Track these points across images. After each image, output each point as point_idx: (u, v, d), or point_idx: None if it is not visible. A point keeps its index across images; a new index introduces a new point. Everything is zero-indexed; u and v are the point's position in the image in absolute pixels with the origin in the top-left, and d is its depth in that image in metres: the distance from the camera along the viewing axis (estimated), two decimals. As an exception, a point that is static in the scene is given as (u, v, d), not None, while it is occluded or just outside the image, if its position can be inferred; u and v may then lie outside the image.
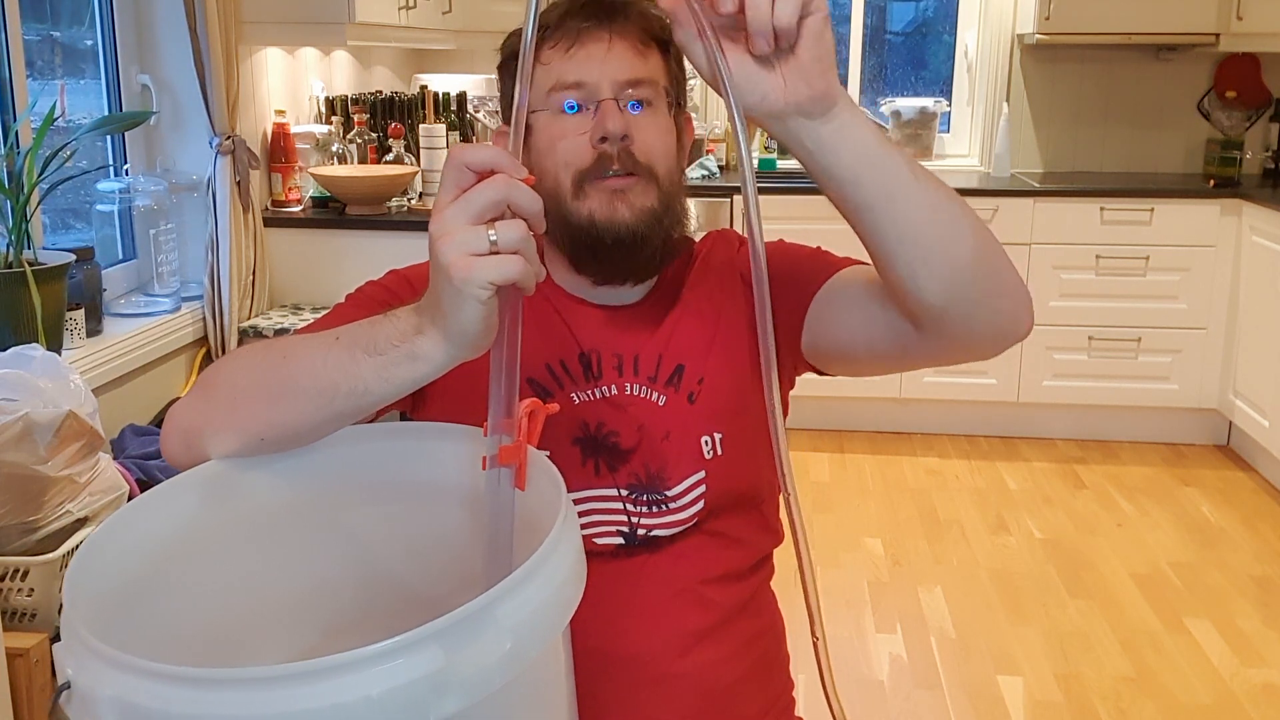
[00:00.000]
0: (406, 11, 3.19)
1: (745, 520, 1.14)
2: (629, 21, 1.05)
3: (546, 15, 1.06)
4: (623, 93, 1.04)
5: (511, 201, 0.75)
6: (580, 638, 1.03)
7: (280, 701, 0.60)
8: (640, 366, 1.10)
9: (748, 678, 1.13)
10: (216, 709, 0.61)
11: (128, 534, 0.83)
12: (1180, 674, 2.55)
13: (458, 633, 0.64)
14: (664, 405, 1.10)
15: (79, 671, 0.66)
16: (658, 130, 1.06)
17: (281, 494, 0.92)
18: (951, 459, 3.88)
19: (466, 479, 0.88)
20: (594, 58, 1.04)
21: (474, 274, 0.73)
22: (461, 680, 0.64)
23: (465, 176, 0.76)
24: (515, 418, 0.81)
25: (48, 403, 1.64)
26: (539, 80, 1.05)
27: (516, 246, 0.74)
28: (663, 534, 1.08)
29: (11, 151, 2.16)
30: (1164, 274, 3.84)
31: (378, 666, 0.62)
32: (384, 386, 0.81)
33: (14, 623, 1.60)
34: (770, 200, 3.92)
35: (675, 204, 1.09)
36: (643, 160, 1.04)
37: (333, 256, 2.99)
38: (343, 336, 0.83)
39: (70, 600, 0.71)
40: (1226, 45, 3.92)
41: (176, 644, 0.83)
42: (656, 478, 1.08)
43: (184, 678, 0.62)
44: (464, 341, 0.77)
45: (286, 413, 0.86)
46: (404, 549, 0.97)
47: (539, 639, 0.69)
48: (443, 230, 0.75)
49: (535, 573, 0.69)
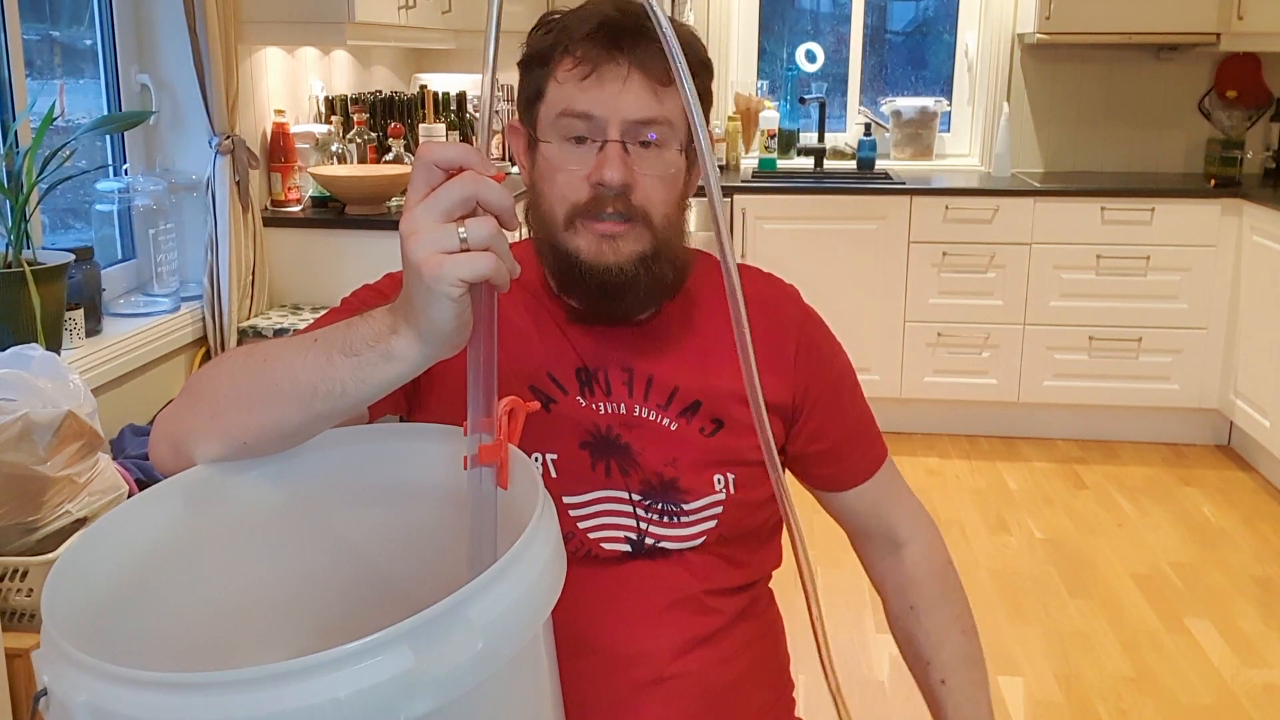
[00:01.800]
0: (406, 11, 3.19)
1: (752, 548, 1.14)
2: (650, 54, 1.01)
3: (566, 29, 1.03)
4: (631, 131, 1.02)
5: (481, 198, 0.75)
6: (580, 638, 1.03)
7: (249, 705, 0.60)
8: (651, 393, 1.09)
9: (747, 678, 1.13)
10: (187, 713, 0.61)
11: (111, 540, 0.82)
12: (1180, 674, 2.55)
13: (427, 633, 0.64)
14: (675, 431, 1.09)
15: (54, 678, 0.66)
16: (661, 174, 1.04)
17: (267, 498, 0.92)
18: (951, 459, 3.88)
19: (452, 479, 0.88)
20: (609, 92, 1.01)
21: (444, 271, 0.73)
22: (432, 680, 0.63)
23: (434, 175, 0.76)
24: (495, 416, 0.81)
25: (47, 403, 1.64)
26: (551, 99, 1.04)
27: (487, 243, 0.74)
28: (671, 547, 1.07)
29: (11, 151, 2.16)
30: (1164, 274, 3.83)
31: (346, 668, 0.61)
32: (361, 387, 0.81)
33: (13, 623, 1.60)
34: (770, 200, 3.92)
35: (670, 246, 1.07)
36: (639, 205, 1.03)
37: (332, 256, 2.98)
38: (320, 339, 0.83)
39: (48, 608, 0.71)
40: (1227, 45, 3.92)
41: (164, 649, 0.83)
42: (672, 487, 1.07)
43: (155, 683, 0.62)
44: (438, 340, 0.77)
45: (267, 416, 0.86)
46: (391, 550, 0.97)
47: (513, 638, 0.69)
48: (412, 228, 0.75)
49: (507, 571, 0.69)
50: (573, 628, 1.03)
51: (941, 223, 3.87)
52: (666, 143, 1.04)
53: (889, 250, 3.90)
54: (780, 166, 4.35)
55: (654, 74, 1.01)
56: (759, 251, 3.92)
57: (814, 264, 3.88)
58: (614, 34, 1.01)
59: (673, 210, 1.06)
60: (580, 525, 1.07)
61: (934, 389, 4.00)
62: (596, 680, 1.05)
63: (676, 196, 1.07)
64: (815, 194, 3.92)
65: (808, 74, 4.57)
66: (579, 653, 1.03)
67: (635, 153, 1.02)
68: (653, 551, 1.07)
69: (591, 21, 1.02)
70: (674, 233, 1.07)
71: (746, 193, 3.92)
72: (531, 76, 1.06)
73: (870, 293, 3.94)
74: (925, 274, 3.91)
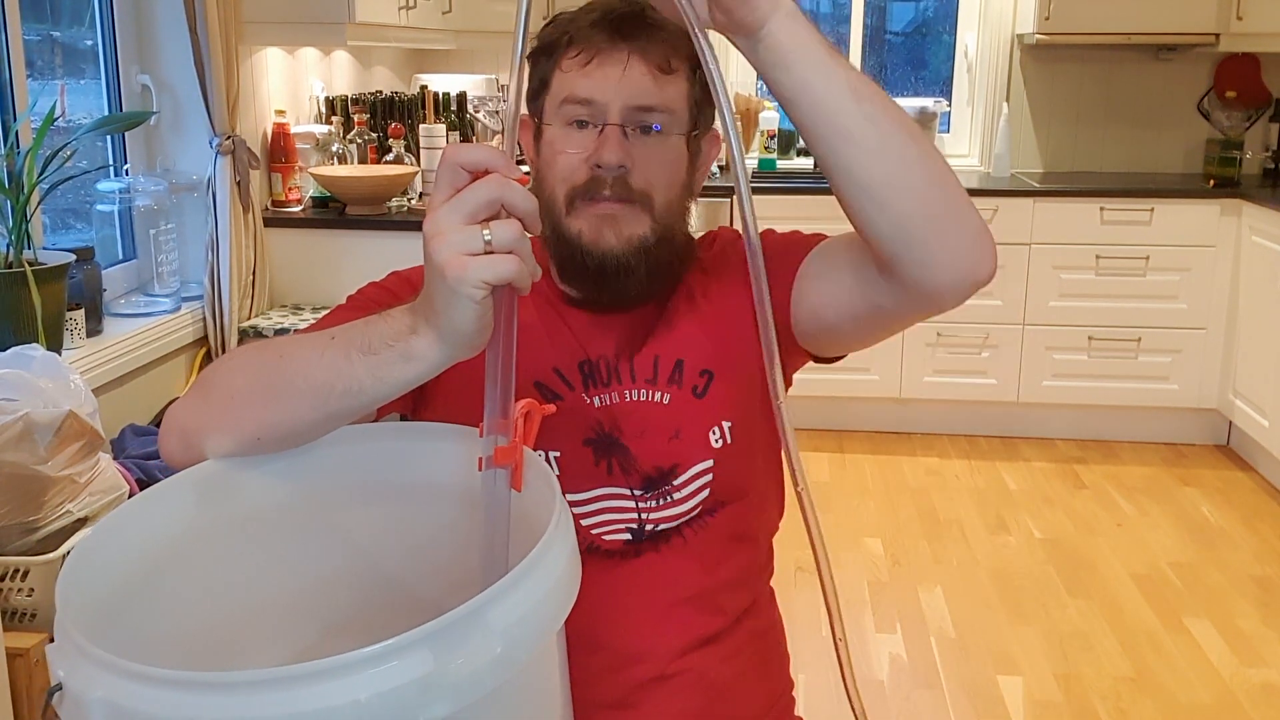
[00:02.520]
0: (406, 11, 3.19)
1: (746, 512, 1.13)
2: (652, 42, 1.03)
3: (572, 21, 1.06)
4: (632, 117, 1.03)
5: (505, 201, 0.75)
6: (584, 635, 1.03)
7: (269, 705, 0.61)
8: (636, 371, 1.10)
9: (747, 676, 1.13)
10: (205, 712, 0.61)
11: (123, 535, 0.83)
12: (1180, 674, 2.55)
13: (447, 636, 0.64)
14: (669, 403, 1.09)
15: (70, 674, 0.66)
16: (661, 159, 1.05)
17: (277, 494, 0.92)
18: (951, 459, 3.88)
19: (464, 480, 0.88)
20: (609, 78, 1.03)
21: (468, 273, 0.73)
22: (451, 684, 0.64)
23: (459, 176, 0.76)
24: (511, 419, 0.81)
25: (48, 403, 1.64)
26: (555, 88, 1.06)
27: (511, 246, 0.74)
28: (667, 526, 1.08)
29: (11, 151, 2.16)
30: (1164, 274, 3.84)
31: (366, 670, 0.62)
32: (378, 386, 0.81)
33: (14, 623, 1.60)
34: (770, 200, 3.92)
35: (672, 233, 1.07)
36: (638, 188, 1.03)
37: (333, 256, 2.98)
38: (338, 336, 0.83)
39: (63, 602, 0.71)
40: (1226, 45, 3.92)
41: (173, 644, 0.83)
42: (669, 473, 1.08)
43: (173, 681, 0.62)
44: (458, 341, 0.77)
45: (282, 413, 0.86)
46: (401, 549, 0.97)
47: (530, 642, 0.69)
48: (436, 230, 0.75)
49: (527, 576, 0.69)
50: (577, 624, 1.04)
51: (941, 223, 3.87)
52: (667, 128, 1.04)
53: (889, 250, 3.89)
54: (780, 167, 4.36)
55: (654, 60, 1.03)
56: (759, 252, 3.91)
57: (814, 264, 3.87)
58: (616, 23, 1.03)
59: (674, 197, 1.07)
60: (583, 521, 1.07)
61: (933, 389, 4.00)
62: (599, 677, 1.05)
63: (679, 184, 1.07)
64: (815, 194, 3.92)
65: (807, 74, 4.57)
66: (582, 649, 1.03)
67: (635, 138, 1.03)
68: (654, 536, 1.08)
69: (596, 13, 1.05)
70: (675, 220, 1.07)
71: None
72: (538, 68, 1.08)
73: (870, 293, 3.93)
74: (925, 274, 3.91)
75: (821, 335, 1.10)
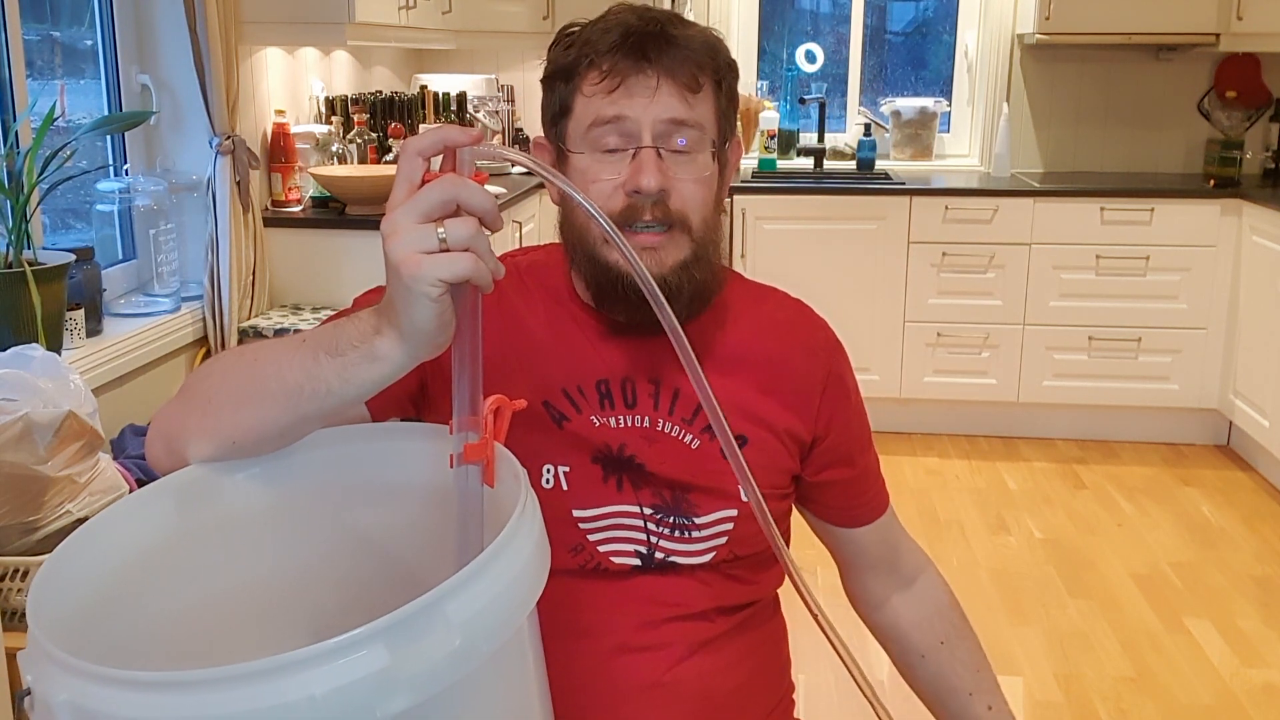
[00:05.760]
0: (406, 11, 3.19)
1: (759, 569, 1.13)
2: (678, 61, 1.00)
3: (589, 42, 1.02)
4: (664, 136, 1.01)
5: (461, 200, 0.75)
6: (582, 641, 1.03)
7: (225, 703, 0.61)
8: (677, 407, 1.08)
9: (748, 684, 1.12)
10: (165, 711, 0.62)
11: (101, 541, 0.83)
12: (1180, 674, 2.55)
13: (403, 630, 0.64)
14: (697, 449, 1.07)
15: (37, 677, 0.66)
16: (696, 178, 1.03)
17: (257, 498, 0.92)
18: (951, 459, 3.88)
19: (440, 478, 0.88)
20: (638, 103, 1.00)
21: (423, 271, 0.74)
22: (408, 678, 0.64)
23: (417, 165, 0.77)
24: (480, 415, 0.81)
25: (48, 403, 1.64)
26: (579, 113, 1.03)
27: (467, 244, 0.75)
28: (681, 561, 1.07)
29: (11, 151, 2.16)
30: (1164, 274, 3.84)
31: (321, 666, 0.62)
32: (345, 388, 0.81)
33: (14, 623, 1.60)
34: (770, 200, 3.92)
35: (709, 249, 1.05)
36: (676, 210, 1.01)
37: (333, 256, 2.98)
38: (309, 339, 0.84)
39: (34, 608, 0.72)
40: (1226, 45, 3.92)
41: (156, 649, 0.83)
42: (684, 501, 1.06)
43: (134, 681, 0.63)
44: (420, 340, 0.77)
45: (255, 415, 0.87)
46: (382, 549, 0.97)
47: (492, 635, 0.69)
48: (393, 229, 0.75)
49: (486, 568, 0.69)
50: (575, 629, 1.03)
51: (941, 223, 3.88)
52: (698, 147, 1.03)
53: (889, 250, 3.90)
54: (780, 167, 4.36)
55: (682, 80, 1.01)
56: (759, 252, 3.92)
57: (814, 264, 3.88)
58: (639, 44, 1.00)
59: (710, 214, 1.05)
60: (590, 538, 1.06)
61: (934, 389, 4.00)
62: (596, 683, 1.05)
63: (712, 200, 1.06)
64: (815, 194, 3.92)
65: (807, 74, 4.57)
66: (580, 655, 1.03)
67: (668, 158, 1.01)
68: (663, 566, 1.06)
69: (615, 33, 1.01)
70: (711, 237, 1.06)
71: (747, 193, 3.92)
72: (556, 92, 1.05)
73: (870, 293, 3.94)
74: (925, 274, 3.92)
75: (809, 497, 1.23)
